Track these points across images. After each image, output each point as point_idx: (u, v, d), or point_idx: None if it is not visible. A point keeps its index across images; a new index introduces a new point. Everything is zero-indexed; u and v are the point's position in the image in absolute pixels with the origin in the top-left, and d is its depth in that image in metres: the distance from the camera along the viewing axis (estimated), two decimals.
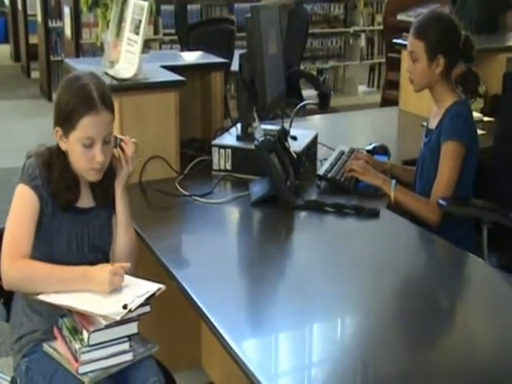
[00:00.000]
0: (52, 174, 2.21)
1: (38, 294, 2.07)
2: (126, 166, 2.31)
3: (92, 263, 2.18)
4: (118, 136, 2.33)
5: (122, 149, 2.31)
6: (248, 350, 1.82)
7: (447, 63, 2.87)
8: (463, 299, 2.23)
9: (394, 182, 2.83)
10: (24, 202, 2.19)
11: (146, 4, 2.85)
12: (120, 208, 2.33)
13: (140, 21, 2.86)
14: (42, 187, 2.19)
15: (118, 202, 2.33)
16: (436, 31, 2.89)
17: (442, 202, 2.74)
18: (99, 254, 2.32)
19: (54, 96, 2.30)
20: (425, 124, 3.10)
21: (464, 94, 2.98)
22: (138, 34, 2.87)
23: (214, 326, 1.88)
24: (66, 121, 2.17)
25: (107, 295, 2.05)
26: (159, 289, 2.07)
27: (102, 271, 2.08)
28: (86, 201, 2.31)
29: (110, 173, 2.30)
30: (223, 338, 1.82)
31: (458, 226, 2.83)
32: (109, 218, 2.36)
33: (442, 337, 1.94)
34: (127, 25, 2.95)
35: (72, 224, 2.27)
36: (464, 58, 2.95)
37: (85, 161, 2.19)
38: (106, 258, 2.33)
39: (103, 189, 2.32)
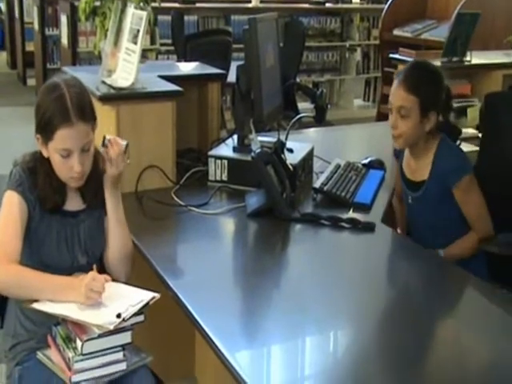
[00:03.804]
0: (37, 178, 2.21)
1: (30, 302, 2.06)
2: (110, 168, 2.27)
3: (84, 268, 2.18)
4: (107, 136, 2.28)
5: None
6: (241, 360, 1.82)
7: (436, 119, 2.73)
8: (457, 316, 2.22)
9: (439, 252, 2.78)
10: (11, 207, 2.18)
11: (145, 14, 2.85)
12: (110, 209, 2.31)
13: (138, 30, 2.86)
14: (28, 191, 2.19)
15: (107, 203, 2.31)
16: (430, 86, 2.74)
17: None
18: (92, 258, 2.31)
19: None
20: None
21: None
22: (135, 43, 2.87)
23: (207, 335, 1.88)
24: (44, 130, 2.16)
25: (101, 304, 2.03)
26: (153, 297, 2.07)
27: (83, 277, 2.05)
28: (74, 203, 2.30)
29: (97, 174, 2.29)
30: (217, 348, 1.82)
31: (473, 257, 2.83)
32: (99, 220, 2.34)
33: (434, 354, 1.94)
34: (125, 34, 2.95)
35: (61, 227, 2.26)
36: (442, 110, 2.79)
37: (64, 170, 2.19)
38: (98, 263, 2.32)
39: (91, 190, 2.30)
